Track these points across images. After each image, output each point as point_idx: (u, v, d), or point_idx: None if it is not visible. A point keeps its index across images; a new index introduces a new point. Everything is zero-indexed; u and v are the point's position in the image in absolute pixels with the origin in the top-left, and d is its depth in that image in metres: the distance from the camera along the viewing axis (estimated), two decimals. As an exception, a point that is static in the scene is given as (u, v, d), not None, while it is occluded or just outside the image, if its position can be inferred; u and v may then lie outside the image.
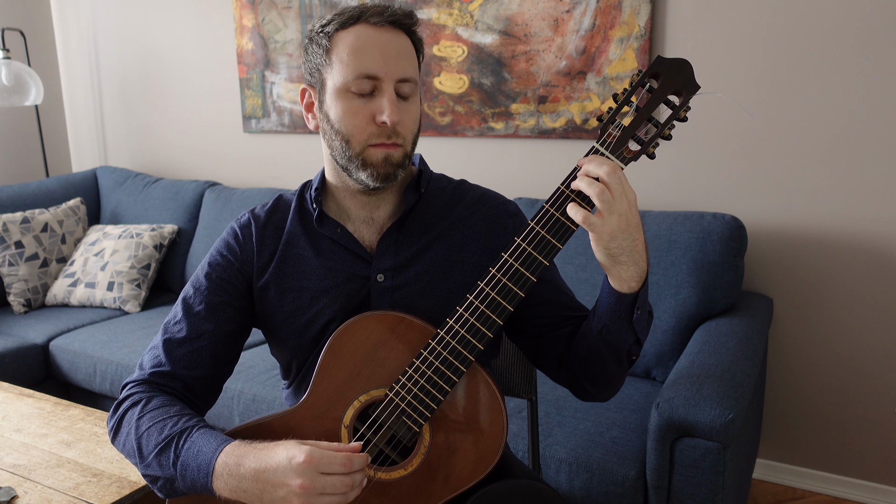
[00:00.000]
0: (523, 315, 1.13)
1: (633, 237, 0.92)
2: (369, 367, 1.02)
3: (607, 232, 0.91)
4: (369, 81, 1.01)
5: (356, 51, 1.01)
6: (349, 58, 1.01)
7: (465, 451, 1.00)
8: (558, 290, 1.14)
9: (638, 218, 0.93)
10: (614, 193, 0.90)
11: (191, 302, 1.11)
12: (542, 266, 0.96)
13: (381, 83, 1.01)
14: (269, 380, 2.10)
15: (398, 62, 1.02)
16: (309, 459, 0.89)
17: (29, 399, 1.77)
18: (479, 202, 1.16)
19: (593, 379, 1.08)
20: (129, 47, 3.33)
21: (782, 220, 2.13)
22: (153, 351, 1.12)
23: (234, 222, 1.17)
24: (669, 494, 1.56)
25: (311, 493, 0.90)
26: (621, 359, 1.04)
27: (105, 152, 3.56)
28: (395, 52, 1.02)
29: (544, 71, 2.36)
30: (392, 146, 1.03)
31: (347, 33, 1.02)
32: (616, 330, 1.01)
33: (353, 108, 1.02)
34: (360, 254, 1.10)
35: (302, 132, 2.92)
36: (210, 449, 0.97)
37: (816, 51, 2.00)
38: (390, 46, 1.02)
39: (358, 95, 1.02)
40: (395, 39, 1.03)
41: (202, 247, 2.87)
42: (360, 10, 1.02)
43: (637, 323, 1.00)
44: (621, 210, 0.90)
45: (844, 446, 2.18)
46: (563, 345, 1.10)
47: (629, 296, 0.98)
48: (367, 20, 1.02)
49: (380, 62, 1.00)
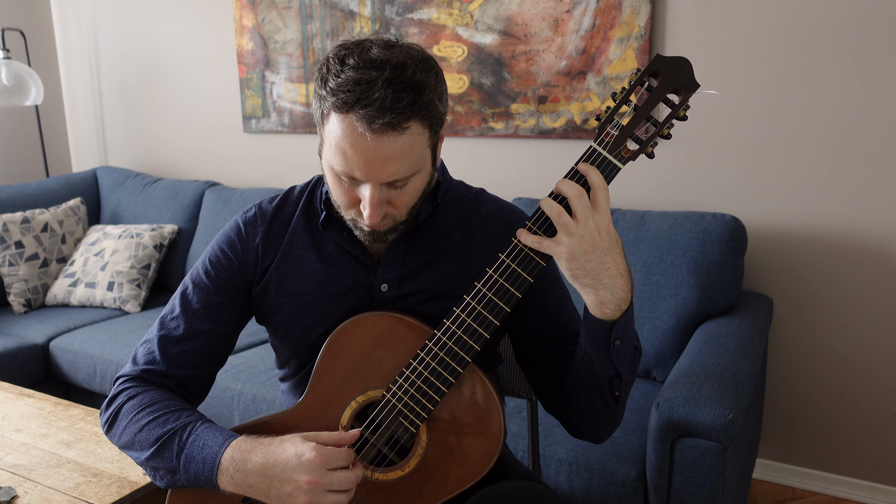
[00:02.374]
0: (521, 340, 1.12)
1: (599, 260, 0.90)
2: (367, 367, 1.01)
3: (564, 251, 0.90)
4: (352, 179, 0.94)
5: (340, 150, 0.92)
6: (334, 150, 0.93)
7: (463, 452, 1.00)
8: (556, 322, 1.10)
9: (611, 243, 0.91)
10: (579, 217, 0.89)
11: (189, 299, 1.10)
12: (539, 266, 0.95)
13: (363, 182, 0.94)
14: (268, 380, 2.10)
15: (384, 168, 0.91)
16: (319, 456, 0.91)
17: (29, 399, 1.77)
18: (495, 216, 1.12)
19: (581, 413, 1.05)
20: (129, 47, 3.33)
21: (782, 220, 2.13)
22: (147, 345, 1.10)
23: (238, 216, 1.14)
24: (669, 494, 1.56)
25: (318, 489, 0.91)
26: (603, 392, 1.01)
27: (105, 152, 3.56)
28: (382, 160, 0.90)
29: (544, 71, 2.36)
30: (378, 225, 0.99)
31: (338, 120, 0.91)
32: (595, 358, 0.98)
33: (339, 186, 0.97)
34: (365, 261, 1.08)
35: (302, 132, 2.92)
36: (216, 443, 0.97)
37: (816, 50, 2.00)
38: (378, 155, 0.90)
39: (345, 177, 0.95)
40: (387, 146, 0.90)
41: (202, 247, 2.87)
42: (356, 97, 0.88)
43: (615, 355, 0.97)
44: (583, 232, 0.89)
45: (844, 446, 2.18)
46: (559, 378, 1.08)
47: (605, 323, 0.95)
48: (360, 119, 0.88)
49: (362, 169, 0.91)
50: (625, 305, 0.94)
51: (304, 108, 2.88)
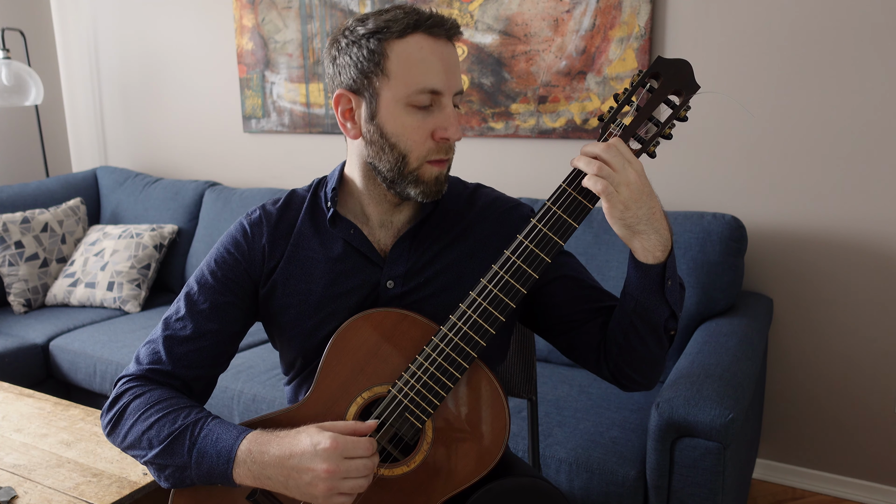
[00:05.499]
0: (552, 314, 1.12)
1: (648, 205, 0.92)
2: (372, 364, 1.02)
3: (621, 201, 0.91)
4: (429, 96, 0.98)
5: (418, 63, 0.97)
6: (410, 70, 0.97)
7: (468, 449, 1.00)
8: (583, 284, 1.12)
9: (649, 185, 0.93)
10: (615, 166, 0.91)
11: (195, 299, 1.09)
12: (543, 263, 0.96)
13: (442, 97, 0.99)
14: (269, 380, 2.10)
15: (455, 75, 1.00)
16: (335, 444, 0.91)
17: (29, 399, 1.77)
18: (490, 207, 1.14)
19: (636, 363, 1.06)
20: (129, 47, 3.33)
21: (782, 220, 2.14)
22: (151, 346, 1.09)
23: (243, 218, 1.14)
24: (669, 494, 1.56)
25: (336, 477, 0.91)
26: (660, 335, 1.03)
27: (105, 152, 3.56)
28: (453, 65, 1.00)
29: (544, 71, 2.36)
30: (445, 162, 1.03)
31: (405, 43, 0.97)
32: (650, 305, 1.00)
33: (413, 124, 0.99)
34: (371, 258, 1.09)
35: (302, 132, 2.92)
36: (231, 437, 0.97)
37: (816, 50, 2.01)
38: (450, 59, 1.00)
39: (417, 109, 0.99)
40: (452, 52, 1.01)
41: (202, 247, 2.87)
42: (415, 18, 0.97)
43: (669, 294, 0.99)
44: (628, 180, 0.91)
45: (844, 446, 2.18)
46: (598, 336, 1.09)
47: (657, 266, 0.97)
48: (427, 31, 0.98)
49: (442, 76, 0.98)
50: (669, 245, 0.97)
51: (304, 108, 2.88)
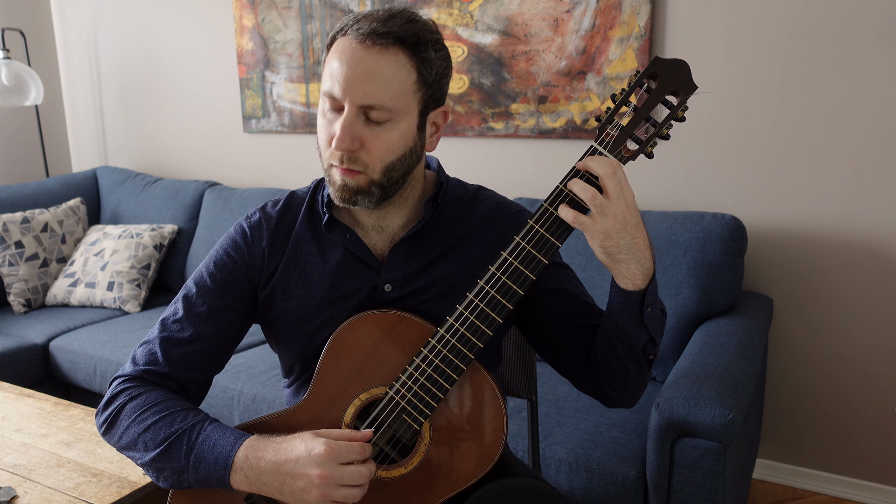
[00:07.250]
0: (543, 326, 1.12)
1: (631, 236, 0.92)
2: (370, 365, 1.02)
3: (600, 231, 0.91)
4: (330, 101, 0.97)
5: (328, 66, 0.97)
6: (325, 72, 0.98)
7: (466, 450, 1.00)
8: (577, 299, 1.12)
9: (637, 217, 0.93)
10: (611, 195, 0.90)
11: (193, 301, 1.09)
12: (541, 264, 0.96)
13: (344, 104, 0.95)
14: (269, 380, 2.10)
15: (363, 86, 0.93)
16: (329, 450, 0.91)
17: (29, 399, 1.77)
18: (493, 213, 1.13)
19: (615, 383, 1.06)
20: (129, 47, 3.33)
21: (782, 220, 2.13)
22: (148, 347, 1.08)
23: (243, 220, 1.13)
24: (669, 494, 1.56)
25: (330, 483, 0.91)
26: (639, 359, 1.03)
27: (105, 152, 3.56)
28: (362, 74, 0.93)
29: (544, 71, 2.36)
30: (347, 172, 0.98)
31: (334, 45, 0.97)
32: (629, 329, 1.00)
33: (322, 124, 1.00)
34: (369, 262, 1.08)
35: (302, 132, 2.92)
36: (228, 442, 0.97)
37: (816, 50, 2.00)
38: (359, 67, 0.93)
39: (330, 110, 0.98)
40: (370, 59, 0.93)
41: (202, 247, 2.87)
42: (353, 22, 0.96)
43: (648, 321, 0.99)
44: (616, 211, 0.90)
45: (844, 446, 2.18)
46: (584, 354, 1.09)
47: (636, 293, 0.97)
48: (354, 35, 0.94)
49: (341, 84, 0.94)
50: (651, 273, 0.97)
51: (304, 108, 2.88)
